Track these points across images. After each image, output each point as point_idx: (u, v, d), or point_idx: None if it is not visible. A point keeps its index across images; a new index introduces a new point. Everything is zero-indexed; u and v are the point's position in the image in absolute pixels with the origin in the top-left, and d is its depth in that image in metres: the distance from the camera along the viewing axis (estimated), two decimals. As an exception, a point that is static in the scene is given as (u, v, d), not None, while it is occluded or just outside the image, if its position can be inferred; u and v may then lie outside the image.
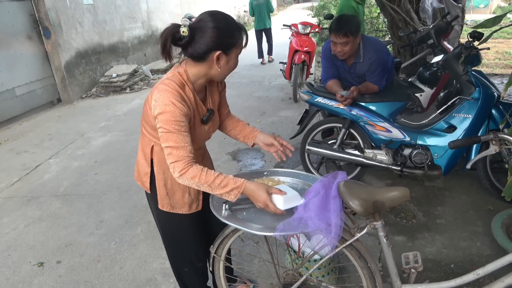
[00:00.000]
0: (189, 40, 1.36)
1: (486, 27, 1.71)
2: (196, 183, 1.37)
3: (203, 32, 1.35)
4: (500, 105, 2.72)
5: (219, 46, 1.37)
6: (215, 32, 1.34)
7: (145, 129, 1.57)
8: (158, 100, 1.37)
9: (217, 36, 1.35)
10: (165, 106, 1.35)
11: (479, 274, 1.45)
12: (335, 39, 2.75)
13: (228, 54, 1.41)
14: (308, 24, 6.14)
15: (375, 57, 2.83)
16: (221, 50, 1.38)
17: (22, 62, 5.85)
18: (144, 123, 1.57)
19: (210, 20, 1.36)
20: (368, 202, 1.40)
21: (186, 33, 1.34)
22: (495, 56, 8.01)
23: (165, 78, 1.45)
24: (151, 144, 1.57)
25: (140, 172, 1.68)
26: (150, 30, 9.63)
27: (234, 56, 1.44)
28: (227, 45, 1.39)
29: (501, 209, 2.57)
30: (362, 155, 2.97)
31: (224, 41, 1.37)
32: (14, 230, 2.96)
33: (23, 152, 4.53)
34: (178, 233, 1.75)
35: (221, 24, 1.36)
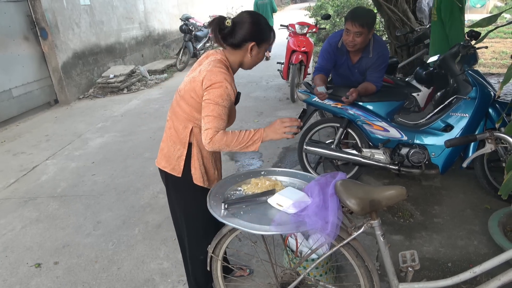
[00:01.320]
0: (230, 30, 1.63)
1: (481, 26, 1.72)
2: (225, 142, 1.59)
3: (242, 25, 1.64)
4: (496, 104, 2.73)
5: (254, 38, 1.65)
6: (252, 26, 1.64)
7: (185, 112, 1.70)
8: (213, 79, 1.59)
9: (253, 30, 1.64)
10: (220, 83, 1.58)
11: (475, 272, 1.45)
12: (350, 27, 2.71)
13: (259, 46, 1.69)
14: (306, 24, 6.15)
15: (382, 53, 2.84)
16: (255, 42, 1.66)
17: (19, 63, 5.83)
18: (184, 107, 1.69)
19: (248, 17, 1.65)
20: (365, 201, 1.40)
21: (230, 24, 1.63)
22: (492, 56, 8.03)
23: (215, 63, 1.65)
24: (189, 126, 1.71)
25: (171, 158, 1.76)
26: (147, 31, 9.61)
27: (263, 49, 1.72)
28: (260, 39, 1.67)
29: (498, 207, 2.58)
30: (359, 154, 2.97)
31: (257, 35, 1.66)
32: (11, 231, 2.94)
33: (20, 153, 4.51)
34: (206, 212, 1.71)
35: (256, 21, 1.66)
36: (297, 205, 1.46)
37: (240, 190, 1.70)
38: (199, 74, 1.64)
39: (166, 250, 2.59)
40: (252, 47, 1.67)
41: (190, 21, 9.43)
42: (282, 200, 1.50)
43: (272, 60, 8.89)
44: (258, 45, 1.68)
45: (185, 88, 1.69)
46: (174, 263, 2.46)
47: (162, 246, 2.64)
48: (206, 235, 1.85)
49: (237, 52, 1.69)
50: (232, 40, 1.65)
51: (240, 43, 1.65)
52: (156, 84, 7.76)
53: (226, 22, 1.62)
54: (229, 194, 1.67)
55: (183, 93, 1.70)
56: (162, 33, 10.49)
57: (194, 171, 1.76)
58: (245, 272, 2.27)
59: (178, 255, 2.52)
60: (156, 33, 10.14)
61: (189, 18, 9.55)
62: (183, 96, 1.69)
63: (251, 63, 1.75)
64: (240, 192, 1.69)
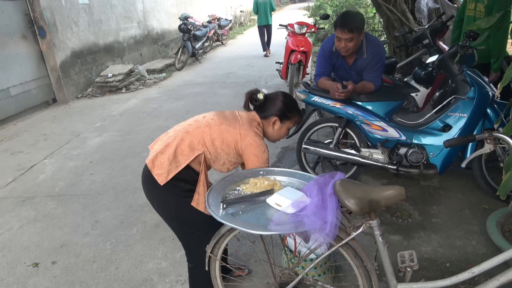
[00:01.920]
0: (262, 103, 1.89)
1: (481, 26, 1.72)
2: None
3: (273, 101, 1.88)
4: (495, 104, 2.73)
5: (278, 114, 1.87)
6: (281, 104, 1.87)
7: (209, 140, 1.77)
8: (257, 142, 1.79)
9: (280, 107, 1.87)
10: (264, 150, 1.81)
11: (474, 273, 1.45)
12: (340, 34, 2.73)
13: (282, 122, 1.90)
14: (304, 24, 6.14)
15: (376, 52, 2.84)
16: (278, 118, 1.87)
17: (17, 62, 5.81)
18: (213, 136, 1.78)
19: (281, 96, 1.89)
20: (364, 201, 1.40)
21: (261, 98, 1.88)
22: (490, 56, 8.04)
23: (256, 126, 1.86)
24: (200, 149, 1.77)
25: (163, 166, 1.75)
26: (146, 30, 9.60)
27: (286, 127, 1.93)
28: (284, 116, 1.89)
29: (496, 208, 2.58)
30: (358, 154, 2.97)
31: (282, 112, 1.88)
32: (8, 230, 2.93)
33: (18, 152, 4.50)
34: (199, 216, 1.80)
35: (286, 101, 1.89)
36: (296, 205, 1.45)
37: (239, 189, 1.70)
38: (241, 127, 1.79)
39: (164, 250, 2.59)
40: (275, 122, 1.88)
41: (189, 21, 9.42)
42: (280, 200, 1.50)
43: (271, 60, 8.89)
44: (281, 121, 1.88)
45: (221, 126, 1.78)
46: (172, 262, 2.46)
47: (160, 245, 2.63)
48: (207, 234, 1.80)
49: (264, 122, 1.90)
50: (260, 111, 1.89)
51: (267, 116, 1.88)
52: (155, 84, 7.75)
53: (259, 95, 1.87)
54: (228, 193, 1.67)
55: (217, 125, 1.79)
56: (161, 32, 10.47)
57: (198, 197, 1.77)
58: (243, 272, 2.27)
59: (176, 255, 2.52)
60: (155, 32, 10.13)
61: (188, 17, 9.55)
62: (214, 127, 1.78)
63: (273, 136, 1.94)
64: (238, 191, 1.68)
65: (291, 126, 1.95)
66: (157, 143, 1.89)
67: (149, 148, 1.92)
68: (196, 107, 5.87)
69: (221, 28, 12.16)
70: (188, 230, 1.90)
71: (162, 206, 1.87)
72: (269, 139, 1.97)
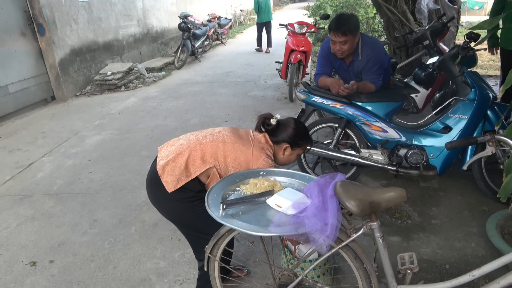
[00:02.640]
0: (274, 128, 1.90)
1: (483, 28, 1.72)
2: None
3: (285, 128, 1.91)
4: (495, 106, 2.73)
5: (289, 141, 1.90)
6: (293, 132, 1.90)
7: (221, 157, 1.80)
8: (268, 163, 1.83)
9: (292, 135, 1.90)
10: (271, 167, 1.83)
11: (474, 276, 1.45)
12: (334, 37, 2.75)
13: (292, 150, 1.94)
14: (305, 24, 6.13)
15: (372, 54, 2.84)
16: (290, 145, 1.91)
17: (15, 59, 5.78)
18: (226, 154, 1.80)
19: (293, 124, 1.93)
20: (365, 203, 1.39)
21: (274, 123, 1.90)
22: (489, 58, 8.05)
23: (268, 149, 1.89)
24: (211, 165, 1.79)
25: (174, 173, 1.77)
26: (145, 28, 9.57)
27: (296, 153, 1.97)
28: (295, 143, 1.92)
29: (496, 210, 2.58)
30: (358, 155, 2.97)
31: (294, 140, 1.91)
32: (6, 229, 2.92)
33: (16, 150, 4.48)
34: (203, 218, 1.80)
35: (298, 129, 1.92)
36: (296, 206, 1.44)
37: (239, 190, 1.69)
38: (254, 148, 1.83)
39: (162, 250, 2.57)
40: (286, 148, 1.91)
41: (189, 19, 9.40)
42: (281, 201, 1.49)
43: (270, 59, 8.88)
44: (292, 148, 1.93)
45: (235, 144, 1.81)
46: (170, 262, 2.45)
47: (159, 245, 2.62)
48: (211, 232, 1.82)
49: (277, 147, 1.93)
50: (272, 135, 1.92)
51: (278, 141, 1.91)
52: (154, 82, 7.73)
53: (272, 121, 1.90)
54: (228, 194, 1.66)
55: (231, 143, 1.81)
56: (160, 30, 10.45)
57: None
58: (242, 272, 2.26)
59: (174, 255, 2.51)
60: (154, 30, 10.10)
61: (187, 16, 9.53)
62: (228, 144, 1.81)
63: (282, 161, 1.98)
64: (238, 192, 1.67)
65: (301, 152, 1.99)
66: (167, 147, 1.90)
67: (158, 150, 1.93)
68: (195, 106, 5.85)
69: (221, 27, 12.14)
70: (193, 233, 1.93)
71: (167, 211, 1.91)
72: (278, 163, 2.01)
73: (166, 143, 1.95)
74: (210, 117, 5.19)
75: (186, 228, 1.95)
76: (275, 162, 1.97)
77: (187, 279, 2.29)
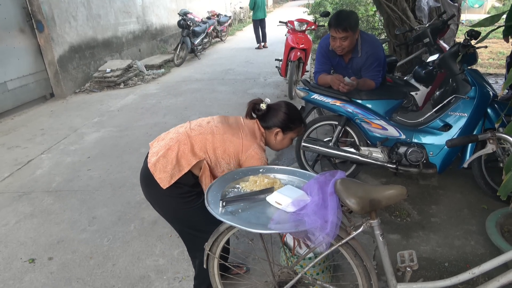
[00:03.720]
0: (264, 113, 1.86)
1: (484, 25, 1.71)
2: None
3: (276, 112, 1.86)
4: (495, 104, 2.72)
5: (280, 125, 1.86)
6: (283, 116, 1.85)
7: (207, 149, 1.77)
8: (258, 155, 1.80)
9: (282, 119, 1.85)
10: (261, 158, 1.81)
11: (474, 274, 1.44)
12: (334, 33, 2.74)
13: (284, 134, 1.89)
14: (304, 21, 6.11)
15: (371, 52, 2.84)
16: (281, 129, 1.86)
17: (14, 56, 5.76)
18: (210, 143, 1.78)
19: (284, 107, 1.88)
20: (365, 201, 1.39)
21: (264, 108, 1.85)
22: (489, 56, 8.06)
23: (259, 137, 1.86)
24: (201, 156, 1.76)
25: (166, 169, 1.75)
26: (145, 25, 9.53)
27: (289, 137, 1.92)
28: (287, 127, 1.88)
29: (495, 208, 2.58)
30: (357, 152, 2.96)
31: (286, 124, 1.86)
32: (4, 226, 2.91)
33: (15, 147, 4.47)
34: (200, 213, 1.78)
35: (289, 112, 1.87)
36: (296, 204, 1.44)
37: (238, 187, 1.68)
38: (244, 137, 1.78)
39: (161, 247, 2.57)
40: (277, 133, 1.87)
41: (188, 16, 9.37)
42: (281, 199, 1.48)
43: (270, 57, 8.86)
44: (284, 132, 1.88)
45: (224, 135, 1.78)
46: (169, 260, 2.44)
47: (158, 242, 2.62)
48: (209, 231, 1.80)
49: (266, 132, 1.90)
50: (262, 121, 1.88)
51: (269, 126, 1.88)
52: (153, 79, 7.72)
53: (262, 105, 1.85)
54: (227, 191, 1.65)
55: (220, 134, 1.78)
56: (159, 28, 10.41)
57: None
58: (242, 270, 2.26)
59: (173, 252, 2.51)
60: (154, 27, 10.07)
61: (187, 13, 9.50)
62: (217, 135, 1.78)
63: (276, 146, 1.95)
64: (238, 189, 1.67)
65: (294, 136, 1.95)
66: (158, 142, 1.88)
67: (150, 146, 1.92)
68: (194, 103, 5.84)
69: (221, 24, 12.11)
70: (187, 230, 1.92)
71: (162, 208, 1.89)
72: (272, 148, 1.98)
73: (157, 137, 1.92)
74: (209, 115, 5.10)
75: (181, 225, 1.93)
76: (270, 148, 1.95)
77: (186, 276, 2.29)
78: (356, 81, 2.79)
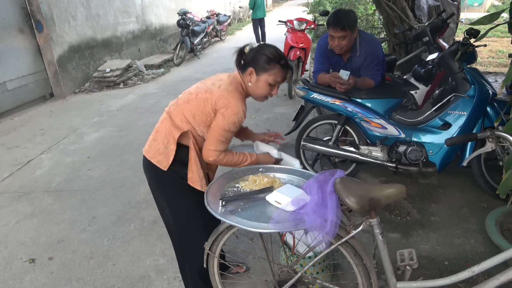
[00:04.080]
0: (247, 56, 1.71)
1: (483, 23, 1.71)
2: (224, 162, 1.72)
3: (252, 52, 1.72)
4: (495, 102, 2.72)
5: (253, 64, 1.69)
6: (259, 55, 1.68)
7: (185, 116, 1.71)
8: (229, 104, 1.64)
9: (259, 58, 1.68)
10: (236, 111, 1.64)
11: (474, 272, 1.45)
12: (332, 33, 2.74)
13: (258, 75, 1.69)
14: (304, 21, 6.11)
15: (370, 51, 2.84)
16: (253, 68, 1.68)
17: (13, 56, 5.76)
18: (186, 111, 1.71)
19: (265, 48, 1.71)
20: (364, 199, 1.39)
21: (247, 50, 1.73)
22: (489, 55, 8.05)
23: (235, 86, 1.71)
24: (185, 128, 1.71)
25: (160, 150, 1.74)
26: (144, 25, 9.53)
27: (264, 80, 1.70)
28: (260, 68, 1.68)
29: (495, 206, 2.58)
30: (357, 151, 2.96)
31: (260, 63, 1.67)
32: (4, 226, 2.91)
33: (15, 147, 4.47)
34: (198, 208, 1.75)
35: (267, 52, 1.68)
36: (296, 203, 1.44)
37: (238, 186, 1.68)
38: (217, 89, 1.68)
39: (162, 247, 2.57)
40: (250, 73, 1.70)
41: (188, 16, 9.37)
42: (280, 198, 1.49)
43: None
44: (257, 73, 1.69)
45: (198, 95, 1.70)
46: (170, 259, 2.44)
47: (158, 242, 2.62)
48: (201, 231, 1.81)
49: (243, 77, 1.75)
50: (242, 65, 1.74)
51: (244, 66, 1.72)
52: (153, 79, 7.72)
53: (245, 48, 1.75)
54: (227, 191, 1.65)
55: (194, 98, 1.71)
56: (159, 27, 10.41)
57: (192, 175, 1.74)
58: (241, 269, 2.26)
59: (174, 252, 2.51)
60: (153, 27, 10.06)
61: (186, 12, 9.49)
62: (189, 99, 1.72)
63: (254, 92, 1.75)
64: (238, 189, 1.67)
65: (272, 80, 1.69)
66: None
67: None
68: (194, 103, 5.83)
69: (220, 23, 12.11)
70: (179, 232, 1.90)
71: (166, 194, 1.84)
72: (253, 96, 1.80)
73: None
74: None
75: (176, 221, 1.88)
76: (252, 97, 1.80)
77: (186, 276, 2.29)
78: (353, 79, 2.79)
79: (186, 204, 1.82)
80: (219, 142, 1.67)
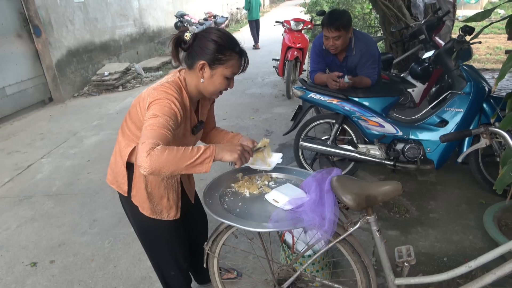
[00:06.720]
0: (189, 45, 1.42)
1: (476, 20, 1.73)
2: (165, 158, 1.23)
3: (200, 41, 1.41)
4: (491, 99, 2.74)
5: (204, 56, 1.40)
6: (210, 43, 1.39)
7: (129, 130, 1.54)
8: (155, 96, 1.38)
9: (209, 47, 1.39)
10: (161, 99, 1.36)
11: (471, 267, 1.46)
12: (327, 33, 2.77)
13: (212, 68, 1.42)
14: (301, 21, 6.13)
15: (366, 49, 2.86)
16: (205, 61, 1.41)
17: (12, 61, 5.77)
18: (129, 124, 1.54)
19: (213, 33, 1.40)
20: (361, 197, 1.41)
21: (188, 37, 1.41)
22: (486, 52, 8.07)
23: (165, 81, 1.46)
24: (132, 145, 1.53)
25: (117, 175, 1.62)
26: (142, 28, 9.55)
27: (220, 74, 1.43)
28: (214, 59, 1.40)
29: (493, 202, 2.60)
30: (355, 150, 2.98)
31: (212, 54, 1.40)
32: (6, 230, 2.93)
33: (15, 152, 4.48)
34: (161, 237, 1.72)
35: (219, 39, 1.39)
36: (294, 202, 1.45)
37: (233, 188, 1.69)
38: (146, 90, 1.45)
39: (162, 248, 2.58)
40: (202, 66, 1.41)
41: (185, 18, 9.40)
42: (278, 197, 1.50)
43: (267, 57, 8.88)
44: (211, 66, 1.41)
45: (133, 104, 1.52)
46: (170, 260, 2.45)
47: (159, 243, 2.63)
48: (171, 251, 1.77)
49: (191, 73, 1.46)
50: (186, 58, 1.45)
51: (192, 61, 1.43)
52: (151, 82, 7.73)
53: (185, 35, 1.41)
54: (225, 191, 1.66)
55: (130, 109, 1.54)
56: (157, 30, 10.43)
57: (135, 193, 1.58)
58: (232, 274, 2.25)
59: (174, 253, 2.52)
60: (151, 30, 10.08)
61: (184, 15, 9.52)
62: (130, 111, 1.54)
63: (207, 88, 1.47)
64: (233, 190, 1.68)
65: (229, 73, 1.44)
66: None
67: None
68: (193, 104, 5.84)
69: (217, 25, 12.13)
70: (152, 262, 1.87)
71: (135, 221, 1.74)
72: (205, 94, 1.51)
73: None
74: (208, 116, 5.18)
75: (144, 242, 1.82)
76: (202, 92, 1.51)
77: (187, 276, 2.30)
78: (351, 78, 2.81)
79: (153, 231, 1.71)
80: (150, 130, 1.29)
